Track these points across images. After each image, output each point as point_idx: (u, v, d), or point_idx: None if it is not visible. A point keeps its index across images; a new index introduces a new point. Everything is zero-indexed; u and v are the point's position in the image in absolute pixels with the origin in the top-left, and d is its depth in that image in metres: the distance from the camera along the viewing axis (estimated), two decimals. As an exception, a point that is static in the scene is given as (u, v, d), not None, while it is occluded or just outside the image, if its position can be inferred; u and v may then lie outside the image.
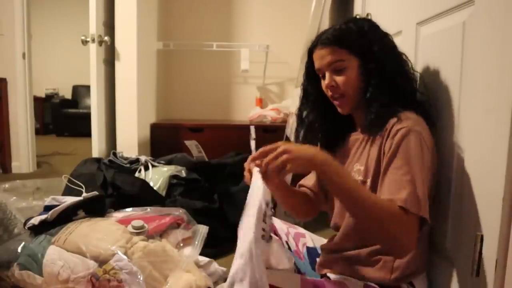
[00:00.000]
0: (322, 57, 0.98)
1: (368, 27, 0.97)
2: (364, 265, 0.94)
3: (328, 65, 0.97)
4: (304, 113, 1.09)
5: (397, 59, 0.98)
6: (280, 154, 0.77)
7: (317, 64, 1.00)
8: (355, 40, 0.95)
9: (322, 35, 0.99)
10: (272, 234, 1.17)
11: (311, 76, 1.06)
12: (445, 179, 0.96)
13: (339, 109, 1.00)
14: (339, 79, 0.96)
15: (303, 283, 0.86)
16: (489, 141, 0.80)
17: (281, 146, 0.78)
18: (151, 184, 1.81)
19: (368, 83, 0.94)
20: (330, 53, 0.96)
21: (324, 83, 0.99)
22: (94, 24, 2.43)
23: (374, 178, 0.90)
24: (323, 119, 1.07)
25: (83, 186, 1.55)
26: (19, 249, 1.25)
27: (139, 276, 1.10)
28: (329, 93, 1.00)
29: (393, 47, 1.00)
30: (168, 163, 2.07)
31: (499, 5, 0.77)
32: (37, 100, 5.07)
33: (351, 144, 1.03)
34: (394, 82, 0.93)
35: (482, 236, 0.81)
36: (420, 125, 0.88)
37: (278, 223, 1.24)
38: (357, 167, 0.97)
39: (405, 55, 1.00)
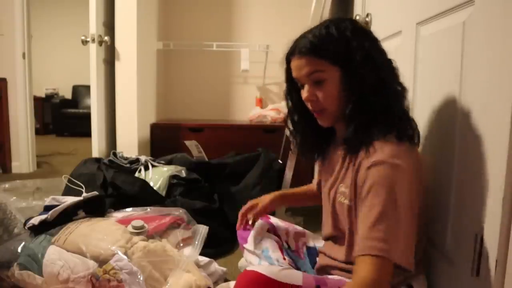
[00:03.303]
0: (299, 67, 0.89)
1: (352, 32, 0.87)
2: None
3: (306, 76, 0.89)
4: (294, 118, 1.03)
5: (382, 70, 0.87)
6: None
7: (294, 73, 0.92)
8: (335, 49, 0.86)
9: (300, 41, 0.91)
10: (272, 234, 1.18)
11: (291, 83, 0.98)
12: (445, 179, 0.96)
13: (319, 122, 0.95)
14: (320, 93, 0.88)
15: (305, 279, 0.86)
16: (489, 141, 0.80)
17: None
18: (151, 184, 1.81)
19: (348, 97, 0.86)
20: (307, 63, 0.88)
21: (304, 95, 0.92)
22: (94, 24, 2.43)
23: (356, 202, 0.87)
24: (308, 129, 1.01)
25: (83, 186, 1.55)
26: (19, 249, 1.25)
27: (139, 276, 1.10)
28: (309, 106, 0.93)
29: (380, 54, 0.90)
30: (168, 163, 2.07)
31: (499, 5, 0.77)
32: (37, 100, 5.06)
33: (335, 160, 0.98)
34: (375, 98, 0.85)
35: (482, 236, 0.81)
36: (398, 156, 0.80)
37: (278, 222, 1.25)
38: (341, 189, 0.93)
39: (395, 64, 0.91)
